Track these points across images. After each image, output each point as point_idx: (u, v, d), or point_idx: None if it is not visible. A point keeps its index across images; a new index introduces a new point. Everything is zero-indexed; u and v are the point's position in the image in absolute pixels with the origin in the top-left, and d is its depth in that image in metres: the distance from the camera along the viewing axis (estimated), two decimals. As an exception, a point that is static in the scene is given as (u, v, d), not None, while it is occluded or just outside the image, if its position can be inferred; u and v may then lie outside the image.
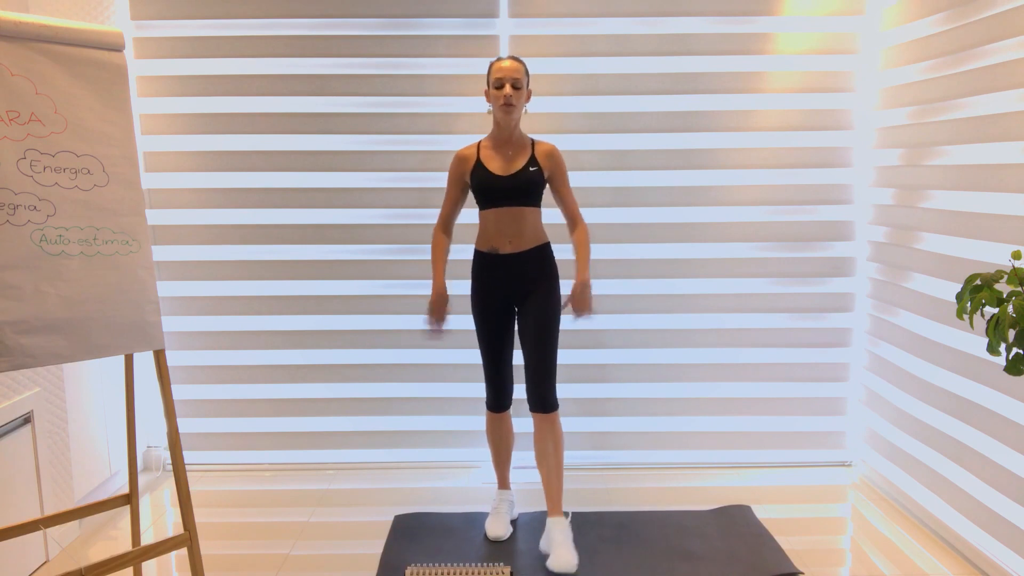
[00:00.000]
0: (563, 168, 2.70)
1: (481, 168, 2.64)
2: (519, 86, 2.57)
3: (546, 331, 2.66)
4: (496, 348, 2.76)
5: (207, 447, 3.54)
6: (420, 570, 2.56)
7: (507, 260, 2.66)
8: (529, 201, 2.64)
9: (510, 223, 2.64)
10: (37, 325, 1.86)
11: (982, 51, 2.58)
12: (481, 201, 2.67)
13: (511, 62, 2.57)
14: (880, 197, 3.26)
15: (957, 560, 2.68)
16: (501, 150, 2.66)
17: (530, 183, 2.62)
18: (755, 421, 3.53)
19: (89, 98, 1.99)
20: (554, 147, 2.69)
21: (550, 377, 2.68)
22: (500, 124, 2.64)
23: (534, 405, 2.70)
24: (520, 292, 2.69)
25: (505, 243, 2.65)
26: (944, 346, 2.78)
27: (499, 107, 2.57)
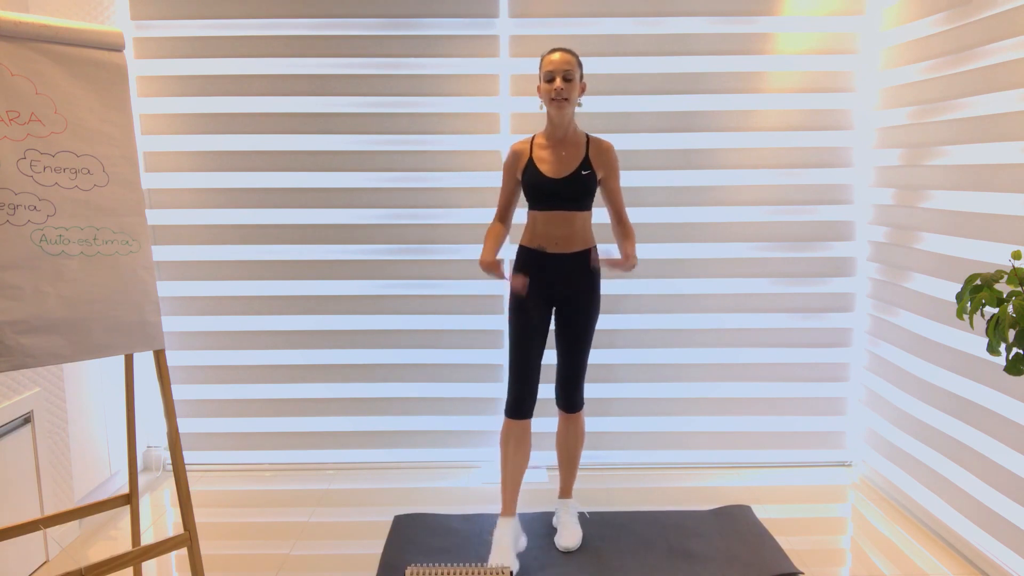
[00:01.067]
0: (616, 168, 2.62)
1: (533, 168, 2.57)
2: (571, 78, 2.47)
3: (585, 334, 2.66)
4: (529, 347, 2.63)
5: (207, 447, 3.54)
6: (420, 570, 2.56)
7: (553, 259, 2.60)
8: (581, 205, 2.57)
9: (559, 226, 2.57)
10: (37, 325, 1.86)
11: (982, 51, 2.58)
12: (531, 201, 2.61)
13: (561, 54, 2.48)
14: (880, 197, 3.26)
15: (957, 560, 2.68)
16: (554, 149, 2.57)
17: (582, 187, 2.54)
18: (755, 421, 3.53)
19: (89, 98, 1.99)
20: (611, 145, 2.61)
21: (581, 379, 2.73)
22: (553, 120, 2.55)
23: (563, 405, 2.75)
24: (562, 293, 2.63)
25: (552, 244, 2.59)
26: (944, 346, 2.78)
27: (550, 102, 2.49)
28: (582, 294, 2.63)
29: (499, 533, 2.62)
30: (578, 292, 2.63)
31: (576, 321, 2.64)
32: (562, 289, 2.63)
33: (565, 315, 2.66)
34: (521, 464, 2.67)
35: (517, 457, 2.66)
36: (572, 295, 2.63)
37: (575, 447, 2.81)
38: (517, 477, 2.68)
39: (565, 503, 2.87)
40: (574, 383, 2.72)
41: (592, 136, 2.63)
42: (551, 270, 2.61)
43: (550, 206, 2.57)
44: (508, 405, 2.67)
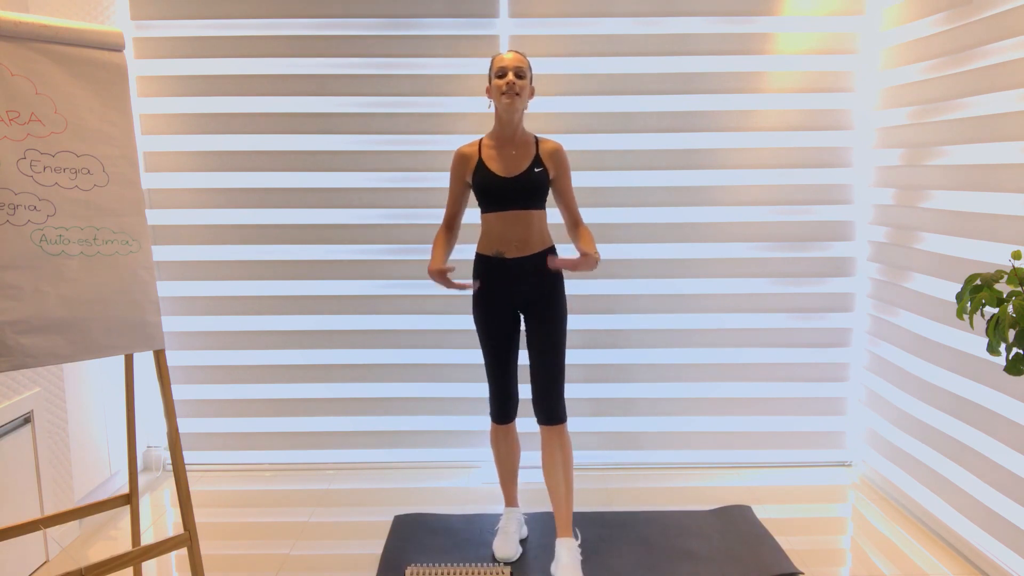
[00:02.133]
0: (567, 168, 2.59)
1: (483, 169, 2.52)
2: (522, 75, 2.46)
3: (555, 339, 2.54)
4: (501, 358, 2.62)
5: (207, 447, 3.54)
6: (420, 570, 2.56)
7: (513, 265, 2.53)
8: (534, 204, 2.52)
9: (515, 226, 2.51)
10: (37, 325, 1.86)
11: (982, 51, 2.58)
12: (484, 203, 2.55)
13: (513, 54, 2.49)
14: (880, 197, 3.26)
15: (957, 560, 2.68)
16: (504, 149, 2.53)
17: (535, 185, 2.50)
18: (755, 421, 3.53)
19: (89, 98, 1.99)
20: (559, 145, 2.58)
21: (558, 387, 2.56)
22: (503, 120, 2.51)
23: (541, 417, 2.57)
24: (526, 298, 2.56)
25: (511, 247, 2.52)
26: (944, 346, 2.78)
27: (501, 96, 2.45)
28: (546, 298, 2.55)
29: (504, 520, 2.78)
30: (542, 296, 2.55)
31: (544, 327, 2.55)
32: (526, 295, 2.55)
33: (532, 322, 2.57)
34: (513, 460, 2.78)
35: (510, 457, 2.77)
36: (536, 300, 2.55)
37: (565, 469, 2.55)
38: (513, 471, 2.79)
39: (565, 543, 2.53)
40: (552, 392, 2.55)
41: (540, 136, 2.61)
42: (513, 276, 2.54)
43: (503, 206, 2.51)
44: (492, 411, 2.72)
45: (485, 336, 2.63)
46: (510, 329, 2.62)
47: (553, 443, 2.57)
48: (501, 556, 2.65)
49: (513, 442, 2.75)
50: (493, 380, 2.66)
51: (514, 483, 2.81)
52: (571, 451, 2.59)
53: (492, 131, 2.58)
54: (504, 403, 2.68)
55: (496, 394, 2.67)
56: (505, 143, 2.55)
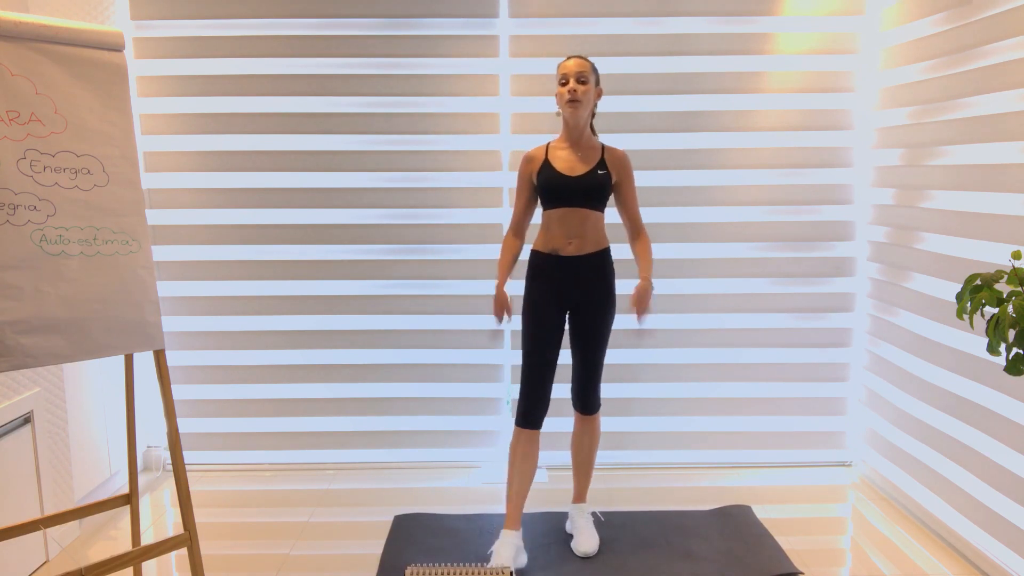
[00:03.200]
0: (631, 175, 2.64)
1: (548, 167, 2.58)
2: (584, 80, 2.49)
3: (602, 336, 2.63)
4: (544, 354, 2.60)
5: (207, 447, 3.54)
6: (420, 570, 2.56)
7: (567, 262, 2.58)
8: (595, 204, 2.57)
9: (574, 224, 2.56)
10: (37, 325, 1.86)
11: (982, 51, 2.58)
12: (546, 201, 2.60)
13: (576, 59, 2.52)
14: (880, 197, 3.26)
15: (957, 560, 2.68)
16: (571, 150, 2.59)
17: (598, 185, 2.55)
18: (755, 421, 3.53)
19: (89, 98, 1.99)
20: (625, 153, 2.63)
21: (598, 381, 2.71)
22: (568, 124, 2.56)
23: (580, 407, 2.73)
24: (577, 296, 2.60)
25: (566, 244, 2.57)
26: (944, 346, 2.78)
27: (565, 103, 2.50)
28: (597, 295, 2.61)
29: (499, 545, 2.56)
30: (593, 293, 2.61)
31: (592, 324, 2.62)
32: (577, 292, 2.60)
33: (580, 317, 2.63)
34: (528, 475, 2.63)
35: (524, 467, 2.62)
36: (587, 297, 2.61)
37: (590, 450, 2.78)
38: (523, 489, 2.63)
39: (579, 508, 2.83)
40: (591, 385, 2.69)
41: (607, 145, 2.65)
42: (566, 273, 2.60)
43: (565, 203, 2.56)
44: (519, 413, 2.62)
45: (531, 331, 2.61)
46: (558, 326, 2.64)
47: (587, 428, 2.78)
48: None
49: (534, 453, 2.63)
50: (529, 379, 2.61)
51: (522, 501, 2.62)
52: (599, 437, 2.81)
53: (560, 135, 2.64)
54: (535, 405, 2.60)
55: (528, 395, 2.61)
56: (572, 145, 2.61)
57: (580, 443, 2.79)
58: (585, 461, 2.80)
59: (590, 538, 2.72)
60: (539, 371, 2.60)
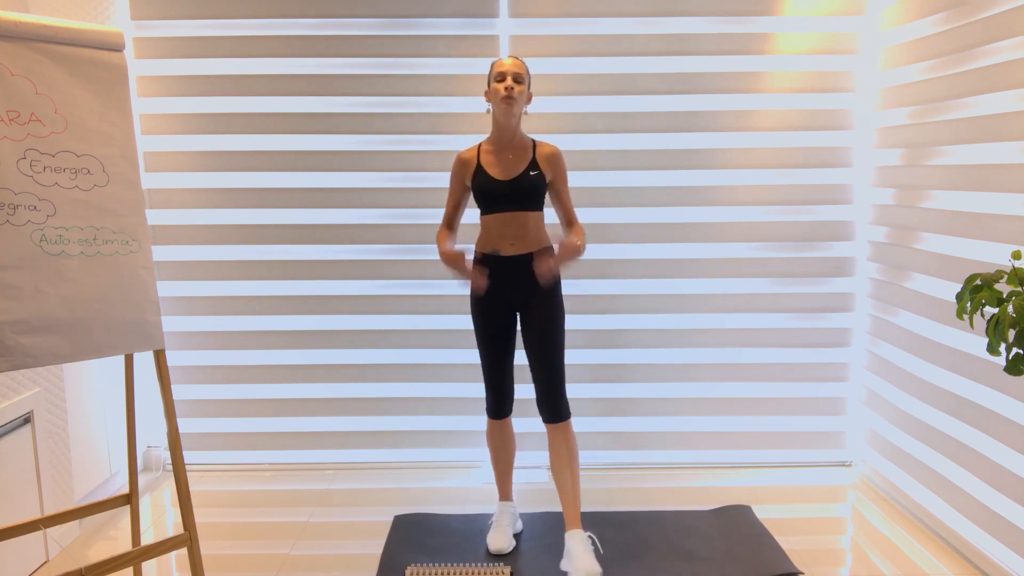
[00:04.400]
0: (564, 171, 2.63)
1: (482, 173, 2.57)
2: (520, 80, 2.50)
3: (552, 337, 2.58)
4: (498, 354, 2.67)
5: (207, 447, 3.54)
6: (420, 570, 2.56)
7: (509, 262, 2.57)
8: (531, 206, 2.56)
9: (512, 228, 2.56)
10: (37, 325, 1.86)
11: (982, 51, 2.58)
12: (483, 206, 2.59)
13: (512, 59, 2.53)
14: (880, 197, 3.26)
15: (957, 560, 2.68)
16: (502, 154, 2.58)
17: (532, 188, 2.54)
18: (755, 421, 3.53)
19: (89, 98, 1.99)
20: (556, 149, 2.61)
21: (559, 385, 2.60)
22: (500, 124, 2.55)
23: (545, 416, 2.61)
24: (522, 296, 2.59)
25: (507, 245, 2.57)
26: (944, 346, 2.78)
27: (500, 100, 2.48)
28: (543, 295, 2.58)
29: (498, 514, 2.83)
30: (537, 292, 2.58)
31: (542, 323, 2.58)
32: (521, 291, 2.59)
33: (529, 321, 2.60)
34: (510, 455, 2.83)
35: (505, 451, 2.82)
36: (533, 299, 2.58)
37: (571, 466, 2.60)
38: (508, 466, 2.84)
39: (574, 535, 2.55)
40: (553, 390, 2.59)
41: (538, 140, 2.64)
42: (509, 273, 2.58)
43: (501, 208, 2.55)
44: (488, 407, 2.78)
45: (482, 334, 2.68)
46: (507, 327, 2.67)
47: (559, 440, 2.61)
48: (495, 548, 2.70)
49: (509, 438, 2.81)
50: (489, 377, 2.72)
51: (509, 477, 2.86)
52: (576, 447, 2.65)
53: (490, 135, 2.62)
54: (499, 399, 2.74)
55: (492, 390, 2.73)
56: (503, 147, 2.60)
57: (559, 460, 2.59)
58: (569, 479, 2.59)
59: (589, 565, 2.45)
60: (497, 369, 2.70)
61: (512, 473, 2.87)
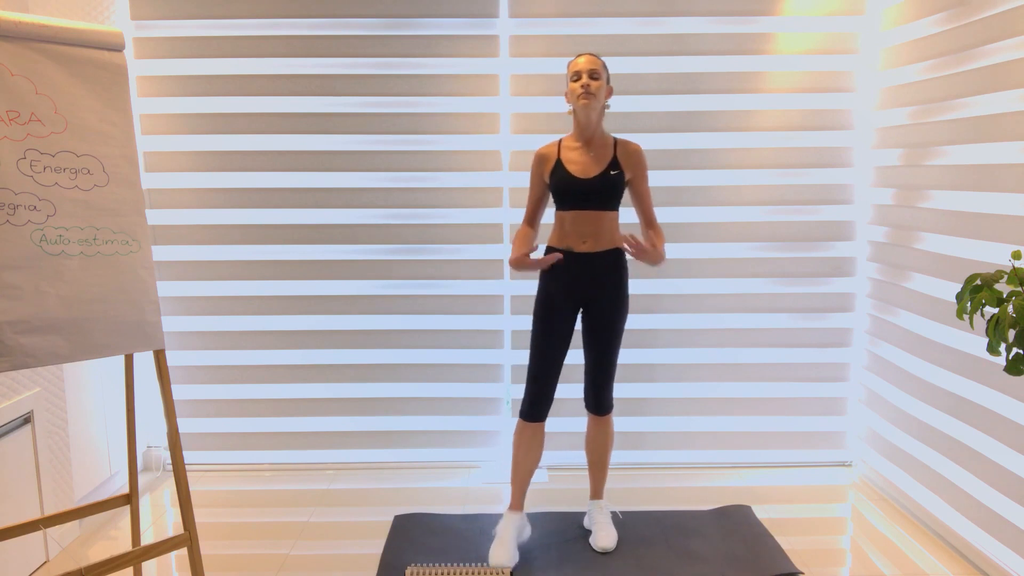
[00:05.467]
0: (645, 170, 2.62)
1: (561, 169, 2.57)
2: (596, 76, 2.50)
3: (615, 335, 2.63)
4: (553, 350, 2.62)
5: (207, 447, 3.54)
6: (420, 570, 2.56)
7: (581, 259, 2.58)
8: (608, 205, 2.56)
9: (587, 225, 2.56)
10: (37, 325, 1.86)
11: (982, 51, 2.58)
12: (559, 202, 2.60)
13: (587, 56, 2.53)
14: (880, 197, 3.26)
15: (957, 560, 2.68)
16: (582, 150, 2.58)
17: (611, 187, 2.54)
18: (755, 421, 3.53)
19: (89, 98, 1.99)
20: (639, 147, 2.61)
21: (610, 382, 2.70)
22: (580, 122, 2.55)
23: (593, 407, 2.72)
24: (589, 293, 2.60)
25: (580, 243, 2.58)
26: (944, 346, 2.78)
27: (577, 98, 2.49)
28: (610, 293, 2.61)
29: (503, 525, 2.69)
30: (606, 291, 2.60)
31: (604, 322, 2.61)
32: (590, 289, 2.60)
33: (593, 315, 2.63)
34: (532, 465, 2.71)
35: (528, 458, 2.69)
36: (600, 295, 2.61)
37: (605, 449, 2.79)
38: (527, 476, 2.71)
39: (597, 504, 2.85)
40: (604, 385, 2.68)
41: (619, 138, 2.63)
42: (579, 269, 2.59)
43: (578, 206, 2.56)
44: (523, 407, 2.67)
45: (543, 328, 2.63)
46: (569, 324, 2.66)
47: (599, 429, 2.77)
48: (495, 564, 2.58)
49: (538, 444, 2.69)
50: (535, 376, 2.64)
51: (524, 487, 2.72)
52: (613, 437, 2.84)
53: (571, 132, 2.64)
54: (540, 401, 2.65)
55: (534, 391, 2.64)
56: (584, 144, 2.60)
57: (595, 443, 2.79)
58: (600, 460, 2.81)
59: (608, 534, 2.73)
60: (548, 367, 2.63)
61: (529, 482, 2.78)
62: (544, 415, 2.67)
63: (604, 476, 2.84)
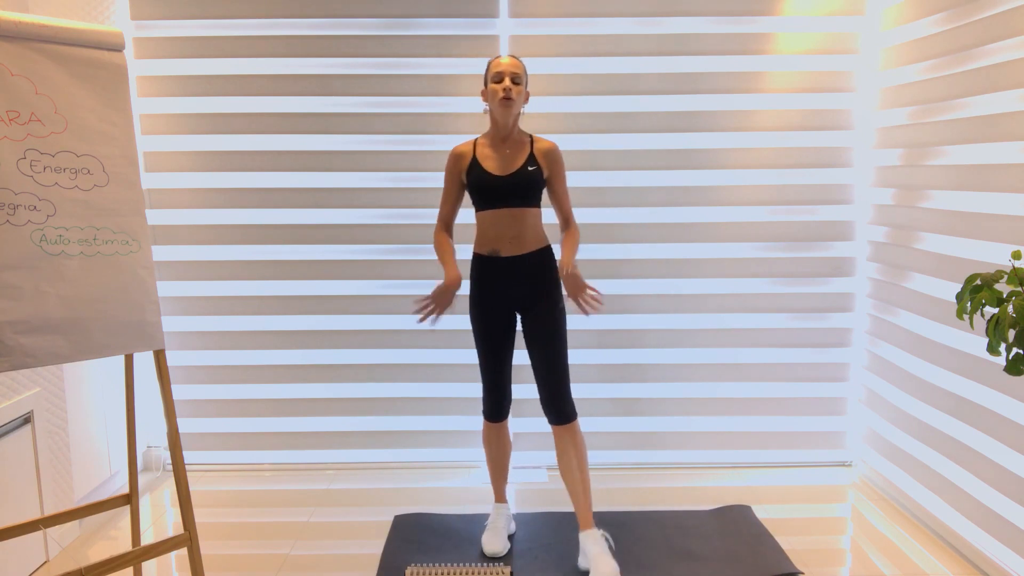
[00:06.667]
0: (562, 167, 2.59)
1: (478, 167, 2.54)
2: (518, 81, 2.48)
3: (555, 338, 2.55)
4: (497, 356, 2.65)
5: (207, 447, 3.54)
6: (420, 570, 2.56)
7: (509, 263, 2.55)
8: (529, 202, 2.53)
9: (509, 224, 2.52)
10: (37, 325, 1.86)
11: (982, 51, 2.58)
12: (478, 202, 2.56)
13: (510, 59, 2.50)
14: (880, 197, 3.26)
15: (957, 560, 2.68)
16: (499, 148, 2.55)
17: (529, 183, 2.51)
18: (755, 421, 3.53)
19: (89, 98, 1.99)
20: (554, 145, 2.59)
21: (564, 386, 2.56)
22: (498, 122, 2.53)
23: (551, 418, 2.59)
24: (523, 298, 2.57)
25: (505, 245, 2.53)
26: (944, 346, 2.78)
27: (498, 101, 2.46)
28: (544, 296, 2.56)
29: (493, 517, 2.82)
30: (539, 292, 2.56)
31: (544, 325, 2.55)
32: (522, 292, 2.56)
33: (531, 321, 2.57)
34: (505, 458, 2.83)
35: (500, 453, 2.82)
36: (534, 297, 2.56)
37: (580, 467, 2.58)
38: (503, 469, 2.84)
39: (589, 535, 2.56)
40: (558, 392, 2.56)
41: (536, 136, 2.62)
42: (509, 275, 2.56)
43: (497, 204, 2.52)
44: (485, 411, 2.76)
45: (481, 334, 2.66)
46: (506, 328, 2.65)
47: (566, 441, 2.59)
48: (490, 551, 2.69)
49: (505, 440, 2.80)
50: (487, 379, 2.70)
51: (504, 480, 2.86)
52: (584, 447, 2.61)
53: (487, 132, 2.61)
54: (498, 401, 2.72)
55: (490, 392, 2.71)
56: (500, 142, 2.58)
57: (568, 462, 2.57)
58: (579, 480, 2.58)
59: (608, 565, 2.47)
60: (496, 372, 2.68)
61: (507, 476, 2.87)
62: (506, 413, 2.76)
63: (588, 498, 2.59)
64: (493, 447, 2.80)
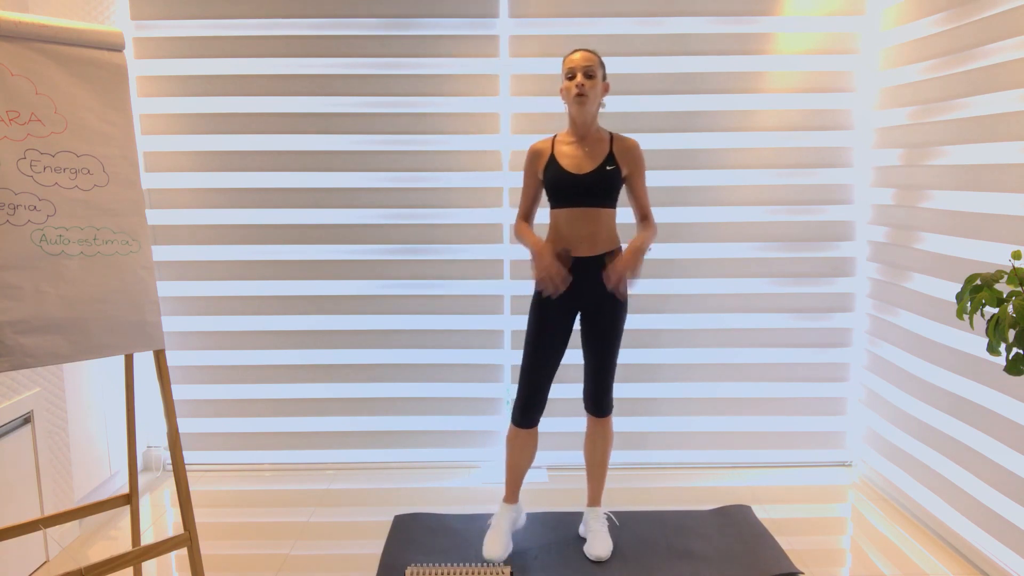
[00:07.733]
0: (642, 166, 2.55)
1: (555, 164, 2.50)
2: (592, 75, 2.43)
3: (615, 338, 2.58)
4: (547, 359, 2.57)
5: (207, 447, 3.54)
6: (420, 570, 2.56)
7: (579, 263, 2.52)
8: (605, 202, 2.49)
9: (584, 224, 2.49)
10: (37, 325, 1.86)
11: (982, 51, 2.58)
12: (553, 200, 2.53)
13: (583, 52, 2.46)
14: (880, 197, 3.26)
15: (957, 560, 2.68)
16: (577, 146, 2.52)
17: (607, 183, 2.47)
18: (755, 421, 3.53)
19: (89, 98, 1.99)
20: (635, 143, 2.54)
21: (610, 383, 2.66)
22: (575, 120, 2.50)
23: (593, 409, 2.68)
24: (590, 297, 2.55)
25: (579, 245, 2.50)
26: (944, 346, 2.78)
27: (572, 98, 2.43)
28: (610, 297, 2.54)
29: (497, 516, 2.73)
30: (606, 295, 2.54)
31: (605, 326, 2.56)
32: (589, 294, 2.54)
33: (593, 321, 2.57)
34: (526, 464, 2.71)
35: (523, 460, 2.68)
36: (600, 299, 2.55)
37: (604, 453, 2.74)
38: (521, 475, 2.72)
39: (594, 511, 2.78)
40: (604, 387, 2.64)
41: (616, 134, 2.58)
42: (577, 275, 2.53)
43: (573, 203, 2.49)
44: (515, 412, 2.63)
45: (537, 334, 2.56)
46: (566, 329, 2.60)
47: (598, 432, 2.73)
48: (490, 555, 2.61)
49: (532, 447, 2.67)
50: (528, 381, 2.59)
51: (519, 482, 2.72)
52: (611, 440, 2.76)
53: (567, 129, 2.58)
54: (532, 406, 2.61)
55: (526, 396, 2.60)
56: (579, 140, 2.54)
57: (594, 446, 2.74)
58: (599, 464, 2.75)
59: (603, 543, 2.68)
60: (541, 374, 2.58)
61: (523, 479, 2.75)
62: (536, 421, 2.63)
63: (603, 481, 2.79)
64: (516, 453, 2.66)
